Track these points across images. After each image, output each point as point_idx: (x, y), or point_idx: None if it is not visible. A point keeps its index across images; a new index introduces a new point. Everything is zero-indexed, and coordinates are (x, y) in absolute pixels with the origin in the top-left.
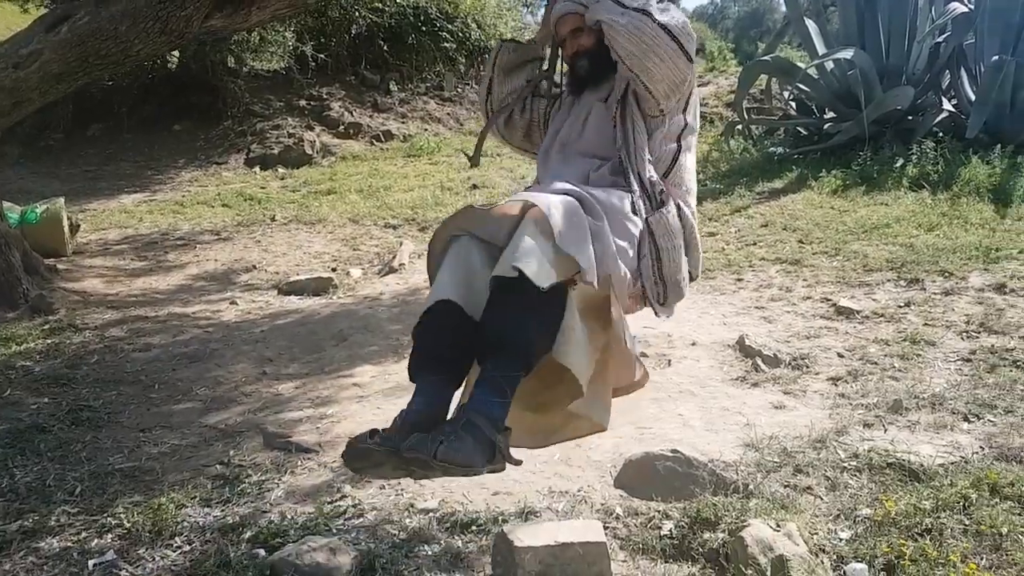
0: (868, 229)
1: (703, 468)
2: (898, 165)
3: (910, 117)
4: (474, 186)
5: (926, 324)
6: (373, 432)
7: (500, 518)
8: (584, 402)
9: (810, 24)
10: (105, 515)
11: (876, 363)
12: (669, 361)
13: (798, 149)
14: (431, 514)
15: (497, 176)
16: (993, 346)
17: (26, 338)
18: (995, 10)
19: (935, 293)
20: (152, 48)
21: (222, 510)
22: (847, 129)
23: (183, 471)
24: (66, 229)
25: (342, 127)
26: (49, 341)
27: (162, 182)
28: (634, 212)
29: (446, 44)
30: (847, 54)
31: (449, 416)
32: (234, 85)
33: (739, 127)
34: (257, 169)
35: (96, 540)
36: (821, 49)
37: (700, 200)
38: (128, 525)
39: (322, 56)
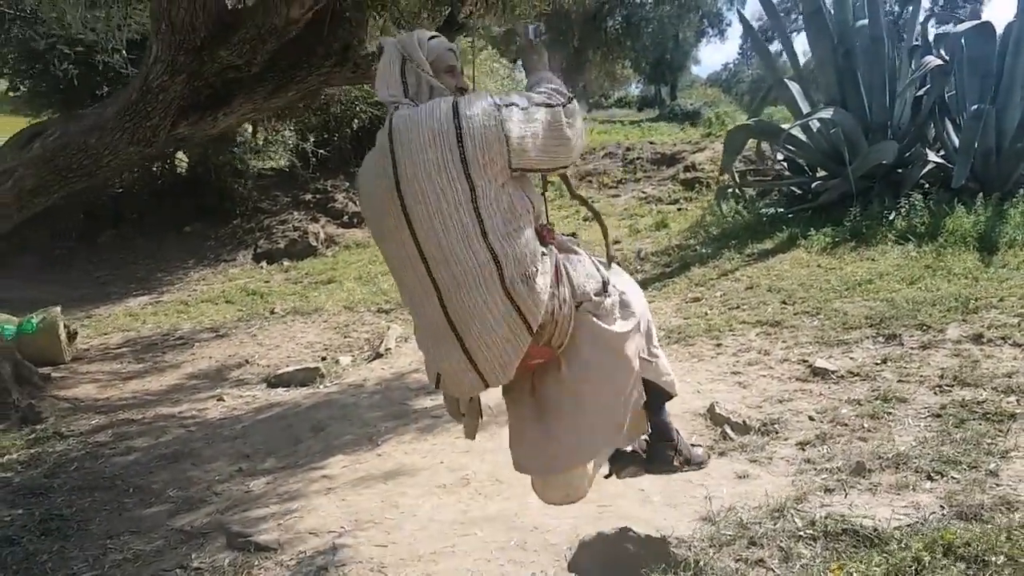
0: (851, 286)
1: (655, 546)
2: (887, 219)
3: (900, 170)
4: None
5: (900, 380)
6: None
7: None
8: None
9: (792, 86)
10: None
11: (846, 424)
12: None
13: (790, 209)
14: None
15: None
16: (964, 399)
17: (9, 449)
18: (972, 59)
19: (912, 348)
20: (122, 158)
21: None
22: (835, 187)
23: None
24: (62, 337)
25: (346, 216)
26: (32, 451)
27: (171, 283)
28: None
29: None
30: (827, 113)
31: None
32: (239, 185)
33: (731, 190)
34: (264, 264)
35: None
36: (805, 109)
37: (689, 265)
38: None
39: (325, 151)
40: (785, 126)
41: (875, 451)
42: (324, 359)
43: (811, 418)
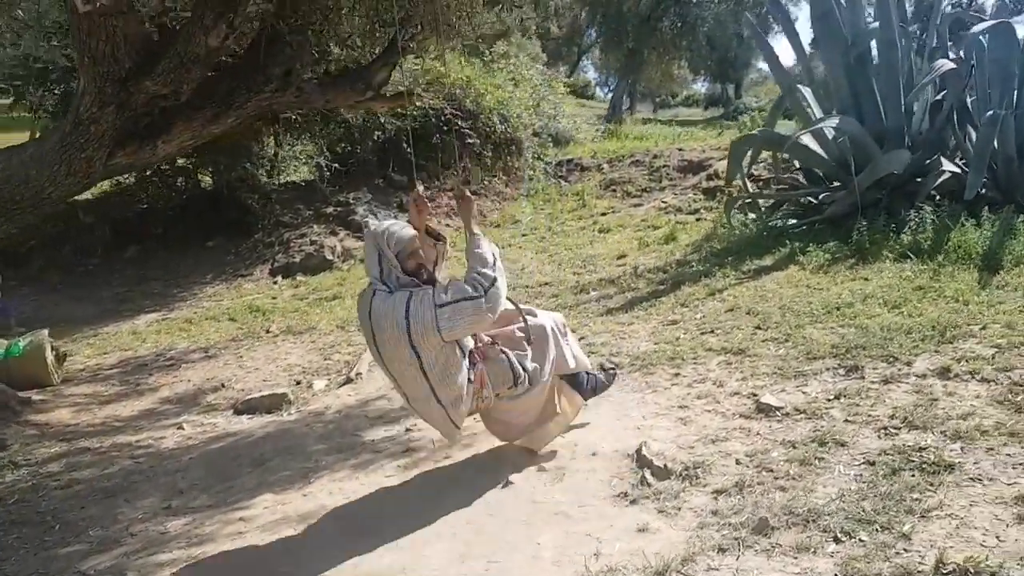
0: (831, 310)
1: None
2: (893, 234)
3: (918, 179)
4: None
5: (847, 420)
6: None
7: None
8: None
9: (806, 92)
10: None
11: (771, 470)
12: (563, 476)
13: (802, 221)
14: None
15: None
16: (906, 445)
17: None
18: (995, 62)
19: (872, 382)
20: (63, 190)
21: None
22: (842, 199)
23: None
24: (49, 360)
25: (364, 230)
26: None
27: (184, 299)
28: None
29: (470, 141)
30: (832, 122)
31: None
32: (253, 200)
33: (739, 202)
34: (279, 278)
35: None
36: (819, 117)
37: (681, 283)
38: None
39: (338, 165)
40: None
41: (788, 505)
42: (299, 383)
43: (738, 462)
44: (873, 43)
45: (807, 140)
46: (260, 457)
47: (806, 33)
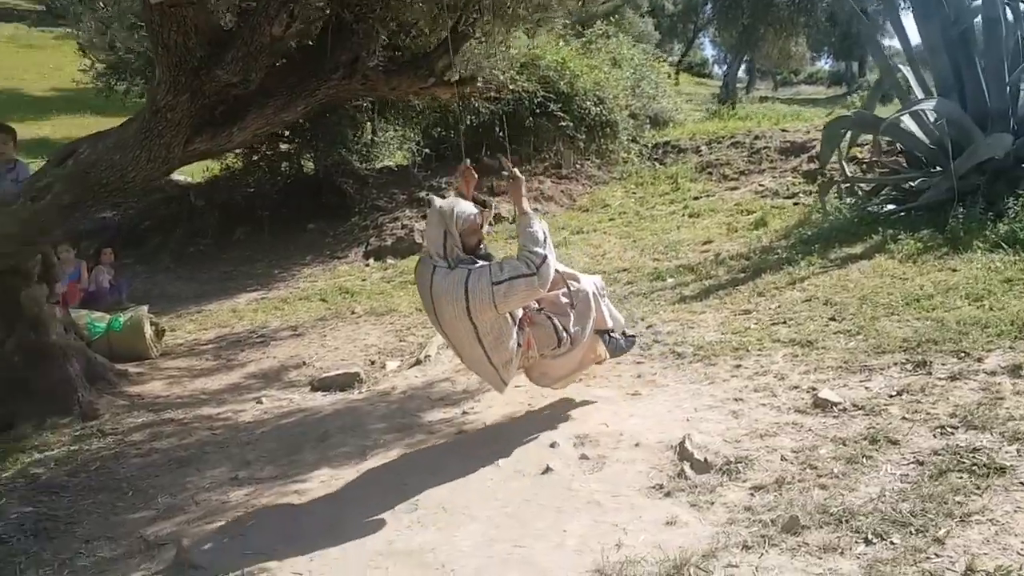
0: (909, 302)
1: None
2: (991, 222)
3: (1023, 165)
4: None
5: (904, 418)
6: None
7: None
8: None
9: (907, 72)
10: None
11: (815, 467)
12: (603, 465)
13: (900, 207)
14: None
15: (576, 254)
16: (960, 445)
17: (53, 445)
18: None
19: (939, 378)
20: (144, 174)
21: None
22: (938, 184)
23: None
24: (148, 334)
25: None
26: (72, 448)
27: (283, 279)
28: None
29: (563, 123)
30: (930, 104)
31: None
32: (348, 184)
33: (834, 187)
34: (371, 261)
35: None
36: (919, 98)
37: (762, 271)
38: None
39: (428, 149)
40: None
41: (824, 504)
42: (373, 363)
43: (783, 458)
44: (977, 20)
45: (907, 122)
46: (324, 433)
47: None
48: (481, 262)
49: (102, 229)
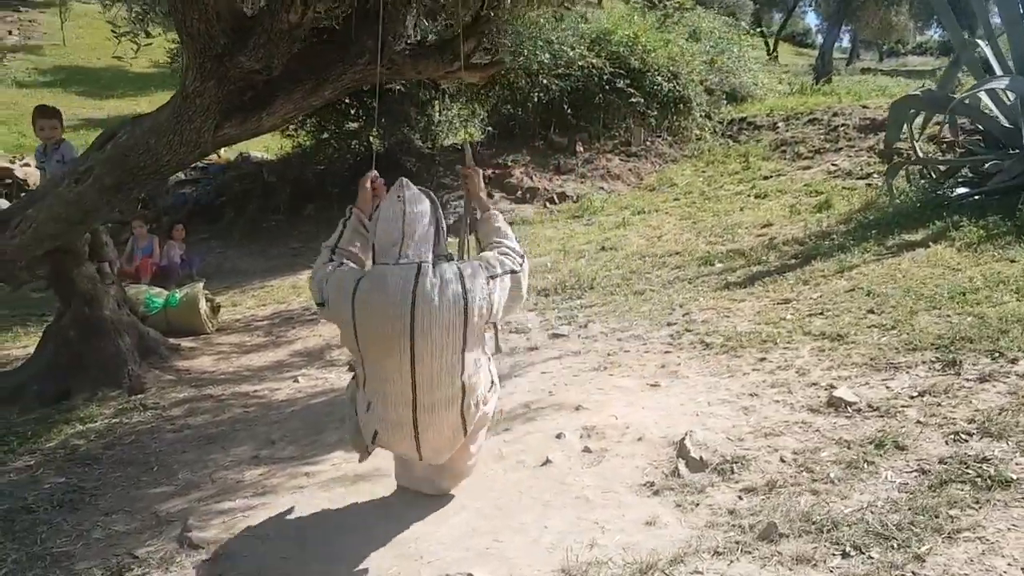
0: (955, 295)
1: None
2: None
3: None
4: (603, 248)
5: (919, 421)
6: None
7: None
8: None
9: (986, 48)
10: None
11: (811, 471)
12: (602, 459)
13: (972, 191)
14: None
15: (632, 235)
16: (968, 454)
17: (95, 417)
18: None
19: (967, 379)
20: (177, 158)
21: None
22: (1009, 167)
23: (94, 559)
24: (203, 310)
25: (519, 192)
26: (114, 420)
27: None
28: None
29: (634, 100)
30: (1002, 82)
31: None
32: (411, 163)
33: (902, 169)
34: None
35: None
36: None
37: (812, 258)
38: None
39: (491, 128)
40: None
41: (809, 511)
42: None
43: (783, 459)
44: None
45: (985, 100)
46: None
47: None
48: (460, 260)
49: (180, 205)
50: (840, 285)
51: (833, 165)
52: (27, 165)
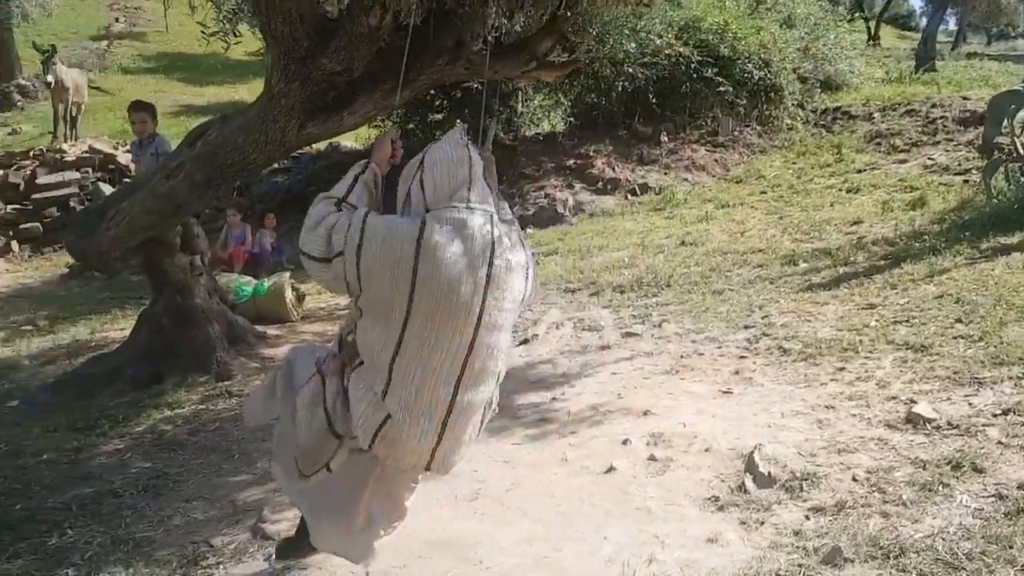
0: None
1: None
2: None
3: None
4: (683, 243)
5: (1000, 442)
6: None
7: None
8: None
9: None
10: None
11: (884, 492)
12: (667, 469)
13: None
14: None
15: (715, 230)
16: None
17: (183, 403)
18: None
19: None
20: (264, 156)
21: None
22: None
23: (171, 546)
24: (288, 299)
25: (600, 183)
26: (199, 407)
27: None
28: None
29: (722, 89)
30: None
31: None
32: (493, 153)
33: (1002, 167)
34: None
35: None
36: None
37: (902, 260)
38: None
39: (572, 119)
40: None
41: (877, 535)
42: None
43: (855, 478)
44: None
45: None
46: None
47: None
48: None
49: (272, 193)
50: (928, 291)
51: (930, 159)
52: (130, 152)
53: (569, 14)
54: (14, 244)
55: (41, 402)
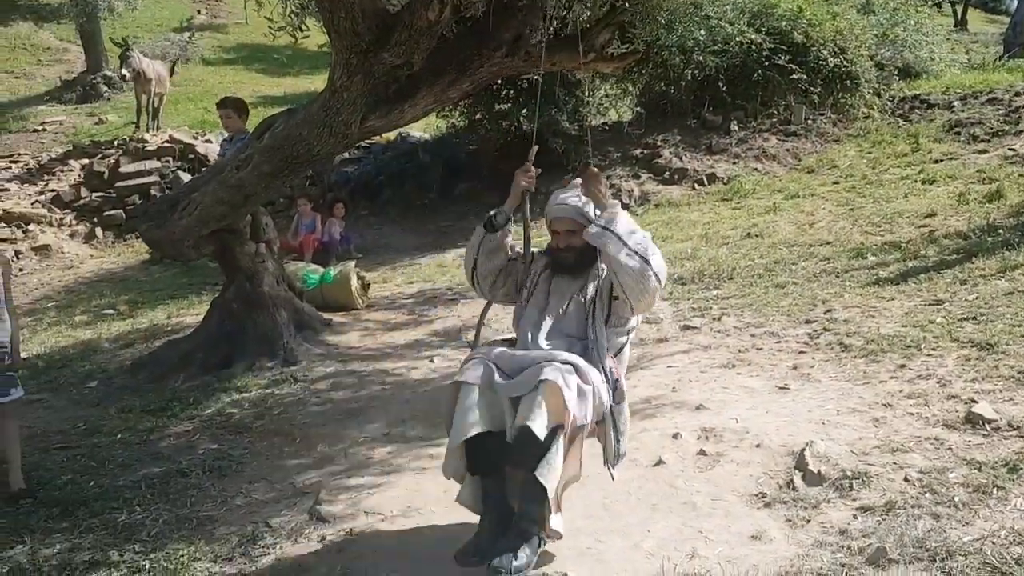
0: None
1: None
2: None
3: None
4: (748, 235)
5: None
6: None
7: None
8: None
9: None
10: (149, 557)
11: (936, 493)
12: (716, 463)
13: None
14: None
15: (782, 222)
16: None
17: (250, 387)
18: None
19: None
20: (327, 148)
21: (220, 568)
22: None
23: (233, 524)
24: (354, 287)
25: (667, 173)
26: (266, 391)
27: None
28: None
29: (795, 76)
30: None
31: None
32: (557, 144)
33: None
34: None
35: None
36: None
37: (975, 255)
38: (148, 571)
39: (640, 108)
40: None
41: (924, 537)
42: None
43: (907, 478)
44: None
45: None
46: None
47: None
48: None
49: (343, 182)
50: (999, 287)
51: (1011, 150)
52: (208, 141)
53: (628, 5)
54: (98, 231)
55: (118, 384)
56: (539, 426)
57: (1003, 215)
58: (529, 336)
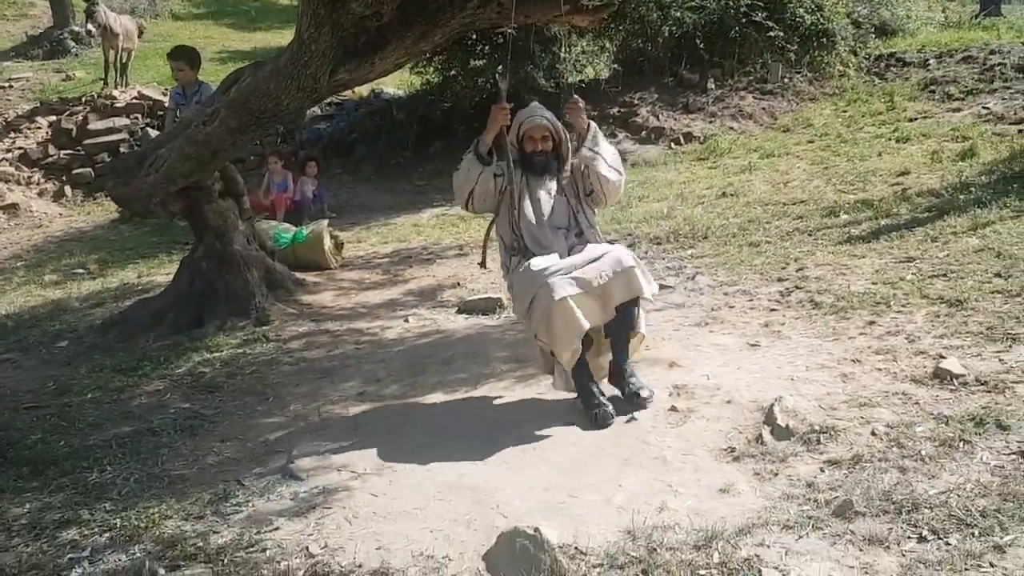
0: None
1: (549, 553)
2: None
3: None
4: (723, 194)
5: None
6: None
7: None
8: None
9: None
10: (120, 515)
11: (902, 447)
12: (687, 420)
13: None
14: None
15: (757, 181)
16: None
17: (222, 347)
18: None
19: None
20: (295, 102)
21: (192, 526)
22: None
23: (205, 483)
24: (327, 247)
25: (644, 132)
26: (237, 351)
27: None
28: None
29: (772, 33)
30: None
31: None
32: (532, 101)
33: None
34: None
35: (95, 538)
36: None
37: (945, 212)
38: (119, 529)
39: (617, 66)
40: None
41: (890, 490)
42: None
43: (874, 432)
44: None
45: None
46: (449, 357)
47: None
48: None
49: (315, 140)
50: (970, 244)
51: (984, 108)
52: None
53: None
54: (67, 189)
55: (88, 343)
56: (649, 291)
57: (976, 173)
58: (536, 235)
